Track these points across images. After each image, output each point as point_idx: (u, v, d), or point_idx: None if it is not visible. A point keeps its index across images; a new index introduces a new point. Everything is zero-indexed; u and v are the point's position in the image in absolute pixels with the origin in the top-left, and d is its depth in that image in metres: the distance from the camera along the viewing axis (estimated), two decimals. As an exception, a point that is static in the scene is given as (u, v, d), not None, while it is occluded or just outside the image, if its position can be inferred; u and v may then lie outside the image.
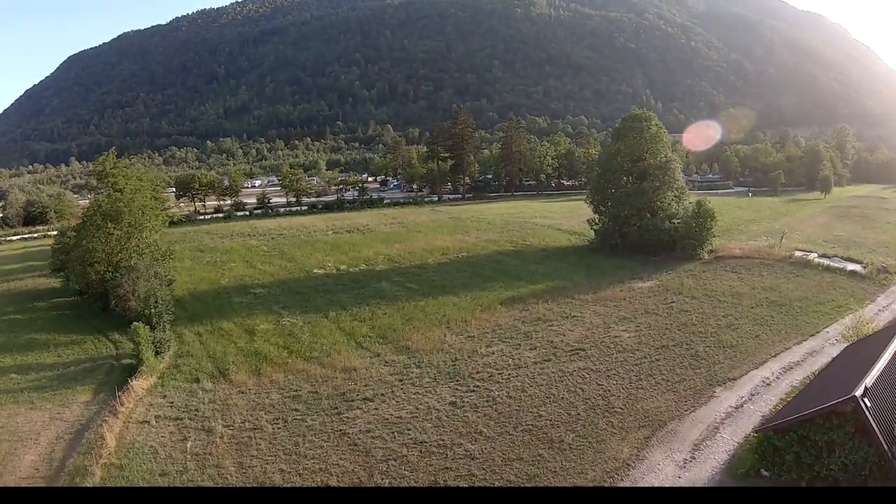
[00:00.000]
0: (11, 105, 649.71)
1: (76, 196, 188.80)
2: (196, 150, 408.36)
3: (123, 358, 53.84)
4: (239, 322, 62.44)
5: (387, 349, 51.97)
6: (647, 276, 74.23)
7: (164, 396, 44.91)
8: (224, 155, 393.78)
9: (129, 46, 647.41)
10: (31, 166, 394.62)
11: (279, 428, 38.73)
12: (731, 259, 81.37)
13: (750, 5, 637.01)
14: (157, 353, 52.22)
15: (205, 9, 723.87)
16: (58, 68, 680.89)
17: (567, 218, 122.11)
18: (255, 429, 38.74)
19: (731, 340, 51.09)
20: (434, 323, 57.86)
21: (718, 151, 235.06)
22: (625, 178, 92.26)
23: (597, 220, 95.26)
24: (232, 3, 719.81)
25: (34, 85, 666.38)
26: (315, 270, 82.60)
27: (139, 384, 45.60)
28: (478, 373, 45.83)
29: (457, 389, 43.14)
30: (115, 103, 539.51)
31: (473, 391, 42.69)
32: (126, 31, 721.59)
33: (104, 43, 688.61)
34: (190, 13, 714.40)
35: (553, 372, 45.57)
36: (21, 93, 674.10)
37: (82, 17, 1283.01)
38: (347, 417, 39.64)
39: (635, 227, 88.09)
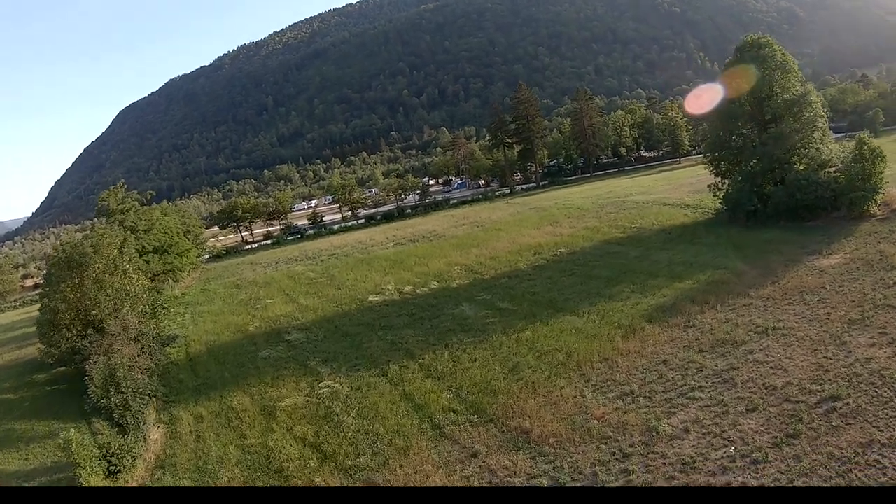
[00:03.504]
0: (73, 164, 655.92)
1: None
2: (254, 181, 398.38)
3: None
4: (259, 392, 41.78)
5: (488, 437, 29.74)
6: (824, 248, 51.47)
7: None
8: (282, 181, 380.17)
9: (178, 91, 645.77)
10: (95, 220, 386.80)
11: None
12: None
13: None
14: (111, 472, 32.05)
15: (245, 44, 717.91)
16: (112, 122, 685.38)
17: (669, 190, 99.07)
18: None
19: None
20: (556, 370, 35.53)
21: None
22: (750, 125, 69.71)
23: (720, 185, 72.63)
24: (271, 35, 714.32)
25: (92, 142, 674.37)
26: (371, 298, 61.14)
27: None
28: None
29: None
30: (170, 147, 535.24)
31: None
32: (173, 77, 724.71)
33: (153, 92, 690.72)
34: (231, 50, 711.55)
35: (819, 461, 23.00)
36: (80, 150, 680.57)
37: (129, 70, 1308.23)
38: None
39: (780, 186, 65.39)
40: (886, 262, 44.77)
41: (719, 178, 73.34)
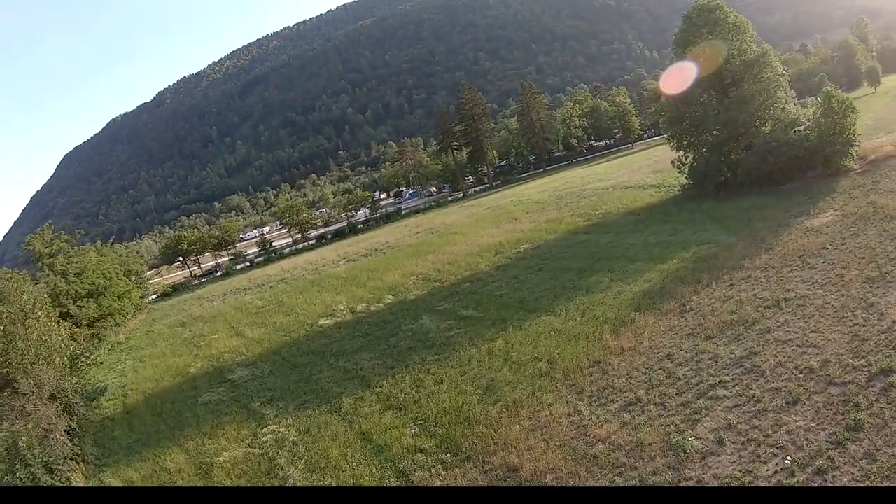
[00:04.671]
0: (20, 215, 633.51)
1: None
2: (205, 214, 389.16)
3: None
4: (196, 446, 34.45)
5: (467, 482, 22.70)
6: (810, 208, 46.86)
7: None
8: (233, 212, 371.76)
9: (120, 131, 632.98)
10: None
11: None
12: (894, 159, 55.08)
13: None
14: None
15: (184, 76, 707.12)
16: (56, 168, 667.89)
17: (627, 174, 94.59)
18: None
19: None
20: (540, 383, 28.86)
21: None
22: (709, 93, 65.40)
23: (684, 159, 67.78)
24: (210, 65, 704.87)
25: (38, 190, 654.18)
26: (322, 321, 54.22)
27: None
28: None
29: None
30: (118, 189, 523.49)
31: None
32: (113, 117, 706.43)
33: (95, 134, 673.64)
34: (171, 84, 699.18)
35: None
36: (27, 201, 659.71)
37: (68, 114, 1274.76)
38: None
39: (750, 151, 60.83)
40: (882, 212, 40.21)
41: (682, 153, 68.42)
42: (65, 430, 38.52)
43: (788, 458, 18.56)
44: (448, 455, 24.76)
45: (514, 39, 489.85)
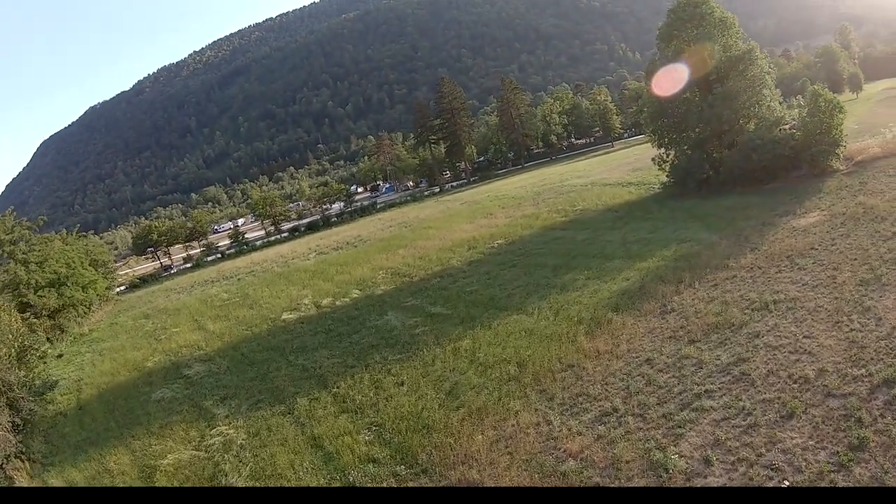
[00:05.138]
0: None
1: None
2: (182, 205, 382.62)
3: None
4: (143, 447, 31.49)
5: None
6: (796, 207, 44.58)
7: None
8: (210, 203, 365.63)
9: (98, 119, 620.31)
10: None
11: None
12: (881, 161, 53.13)
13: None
14: None
15: (164, 65, 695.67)
16: (33, 156, 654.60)
17: (607, 171, 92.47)
18: None
19: None
20: (507, 388, 26.21)
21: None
22: (693, 89, 63.29)
23: (665, 156, 65.94)
24: (191, 55, 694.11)
25: (13, 178, 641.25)
26: (285, 315, 51.40)
27: None
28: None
29: None
30: (94, 178, 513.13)
31: None
32: (92, 105, 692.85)
33: (73, 122, 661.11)
34: (150, 73, 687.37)
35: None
36: (2, 189, 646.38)
37: (46, 101, 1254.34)
38: None
39: (734, 149, 58.98)
40: (873, 213, 37.98)
41: (663, 150, 66.37)
42: (9, 426, 35.67)
43: (786, 481, 16.15)
44: (402, 467, 22.06)
45: (497, 37, 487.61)
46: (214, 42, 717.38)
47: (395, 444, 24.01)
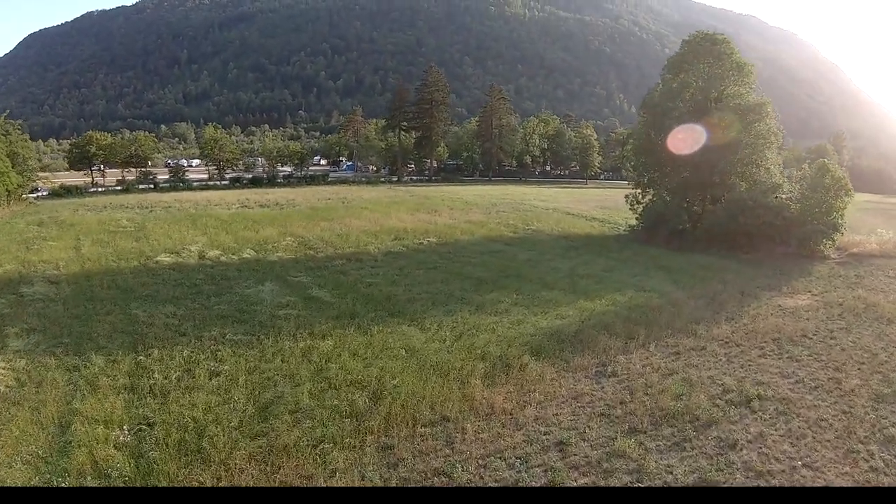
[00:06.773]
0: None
1: None
2: (149, 133, 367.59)
3: None
4: None
5: None
6: (783, 285, 37.23)
7: None
8: (177, 139, 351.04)
9: (92, 26, 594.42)
10: None
11: None
12: (878, 259, 46.95)
13: (724, 18, 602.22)
14: None
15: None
16: (16, 46, 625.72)
17: (574, 203, 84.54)
18: None
19: None
20: (341, 427, 16.92)
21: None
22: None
23: (640, 197, 57.59)
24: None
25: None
26: (161, 257, 41.82)
27: None
28: None
29: None
30: (71, 84, 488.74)
31: None
32: (90, 10, 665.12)
33: (66, 22, 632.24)
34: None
35: None
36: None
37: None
38: None
39: (718, 206, 51.44)
40: (875, 311, 30.89)
41: (639, 190, 58.11)
42: None
43: None
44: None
45: (502, 54, 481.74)
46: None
47: (148, 463, 14.88)
